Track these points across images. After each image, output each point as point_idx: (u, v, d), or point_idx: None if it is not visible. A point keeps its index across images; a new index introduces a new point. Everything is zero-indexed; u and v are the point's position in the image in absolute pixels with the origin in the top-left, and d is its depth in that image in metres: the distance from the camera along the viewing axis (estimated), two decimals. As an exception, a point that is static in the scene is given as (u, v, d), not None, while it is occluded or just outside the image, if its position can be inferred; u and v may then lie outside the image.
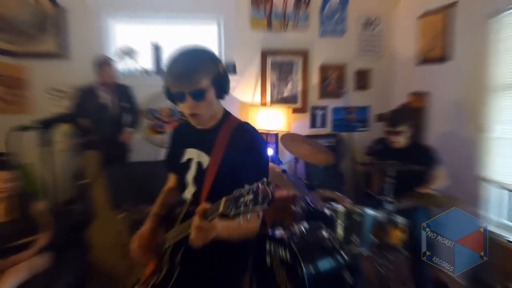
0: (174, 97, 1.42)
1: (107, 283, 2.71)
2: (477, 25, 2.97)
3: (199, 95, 1.37)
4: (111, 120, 3.39)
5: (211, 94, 1.41)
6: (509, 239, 2.64)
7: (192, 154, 1.54)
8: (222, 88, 1.45)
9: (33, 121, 2.13)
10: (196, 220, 1.16)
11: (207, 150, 1.48)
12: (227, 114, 1.56)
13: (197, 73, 1.35)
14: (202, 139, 1.51)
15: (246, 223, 1.35)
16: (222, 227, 1.23)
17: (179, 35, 3.88)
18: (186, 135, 1.62)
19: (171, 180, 1.79)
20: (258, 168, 1.39)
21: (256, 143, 1.47)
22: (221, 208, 1.10)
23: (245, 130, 1.52)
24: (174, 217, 1.59)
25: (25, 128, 2.08)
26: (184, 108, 1.42)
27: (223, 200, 1.11)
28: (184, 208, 1.52)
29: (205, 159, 1.48)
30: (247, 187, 1.07)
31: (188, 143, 1.57)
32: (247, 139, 1.46)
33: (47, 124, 2.01)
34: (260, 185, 1.05)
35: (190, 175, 1.53)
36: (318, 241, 2.53)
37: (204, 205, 1.18)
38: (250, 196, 1.04)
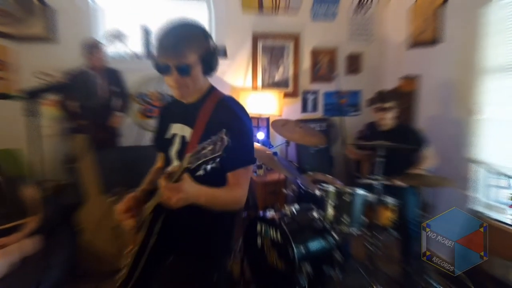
0: (160, 68, 1.40)
1: (97, 265, 2.71)
2: (468, 7, 2.97)
3: (184, 70, 1.36)
4: (101, 104, 3.36)
5: (197, 70, 1.40)
6: (496, 219, 2.68)
7: (176, 129, 1.54)
8: (209, 65, 1.44)
9: (18, 90, 2.06)
10: (161, 182, 1.20)
11: (190, 123, 1.47)
12: (212, 89, 1.55)
13: (186, 48, 1.34)
14: (186, 113, 1.51)
15: (232, 192, 1.40)
16: (197, 191, 1.25)
17: (168, 18, 3.82)
18: (172, 110, 1.62)
19: (160, 159, 1.78)
20: (239, 140, 1.33)
21: (238, 116, 1.46)
22: (184, 163, 1.16)
23: (228, 104, 1.51)
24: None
25: (9, 97, 2.00)
26: (168, 80, 1.41)
27: (187, 156, 1.16)
28: None
29: (188, 133, 1.48)
30: (208, 140, 1.13)
31: (173, 119, 1.57)
32: (229, 112, 1.45)
33: (33, 94, 1.95)
34: (218, 136, 1.11)
35: (174, 150, 1.53)
36: (309, 222, 2.54)
37: (172, 167, 1.24)
38: (210, 147, 1.11)
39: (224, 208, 1.44)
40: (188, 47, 1.35)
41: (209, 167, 1.13)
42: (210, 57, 1.42)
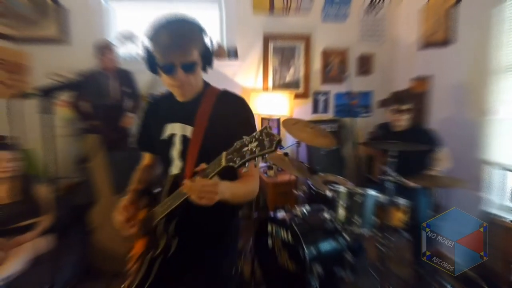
0: (161, 68, 1.36)
1: (108, 265, 2.73)
2: (480, 7, 2.94)
3: (190, 68, 1.35)
4: (113, 105, 3.39)
5: (199, 66, 1.40)
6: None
7: (174, 129, 1.50)
8: (208, 61, 1.43)
9: (33, 88, 2.10)
10: (197, 181, 1.14)
11: (191, 122, 1.44)
12: (207, 85, 1.54)
13: (190, 45, 1.32)
14: (185, 111, 1.47)
15: (248, 184, 1.40)
16: (225, 187, 1.21)
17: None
18: (164, 110, 1.56)
19: (146, 158, 1.75)
20: (247, 130, 1.27)
21: (241, 106, 1.46)
22: (223, 163, 1.10)
23: (229, 96, 1.51)
24: (153, 194, 1.58)
25: (25, 95, 2.04)
26: (171, 80, 1.38)
27: (223, 154, 1.11)
28: (169, 182, 1.46)
29: (190, 132, 1.44)
30: (247, 137, 1.07)
31: (168, 118, 1.52)
32: (232, 104, 1.44)
33: (47, 92, 1.98)
34: (263, 131, 1.04)
35: (176, 150, 1.48)
36: (320, 223, 2.53)
37: (201, 166, 1.18)
38: (255, 143, 1.04)
39: (242, 200, 1.45)
40: (192, 44, 1.33)
41: (255, 162, 1.06)
42: (208, 52, 1.41)
